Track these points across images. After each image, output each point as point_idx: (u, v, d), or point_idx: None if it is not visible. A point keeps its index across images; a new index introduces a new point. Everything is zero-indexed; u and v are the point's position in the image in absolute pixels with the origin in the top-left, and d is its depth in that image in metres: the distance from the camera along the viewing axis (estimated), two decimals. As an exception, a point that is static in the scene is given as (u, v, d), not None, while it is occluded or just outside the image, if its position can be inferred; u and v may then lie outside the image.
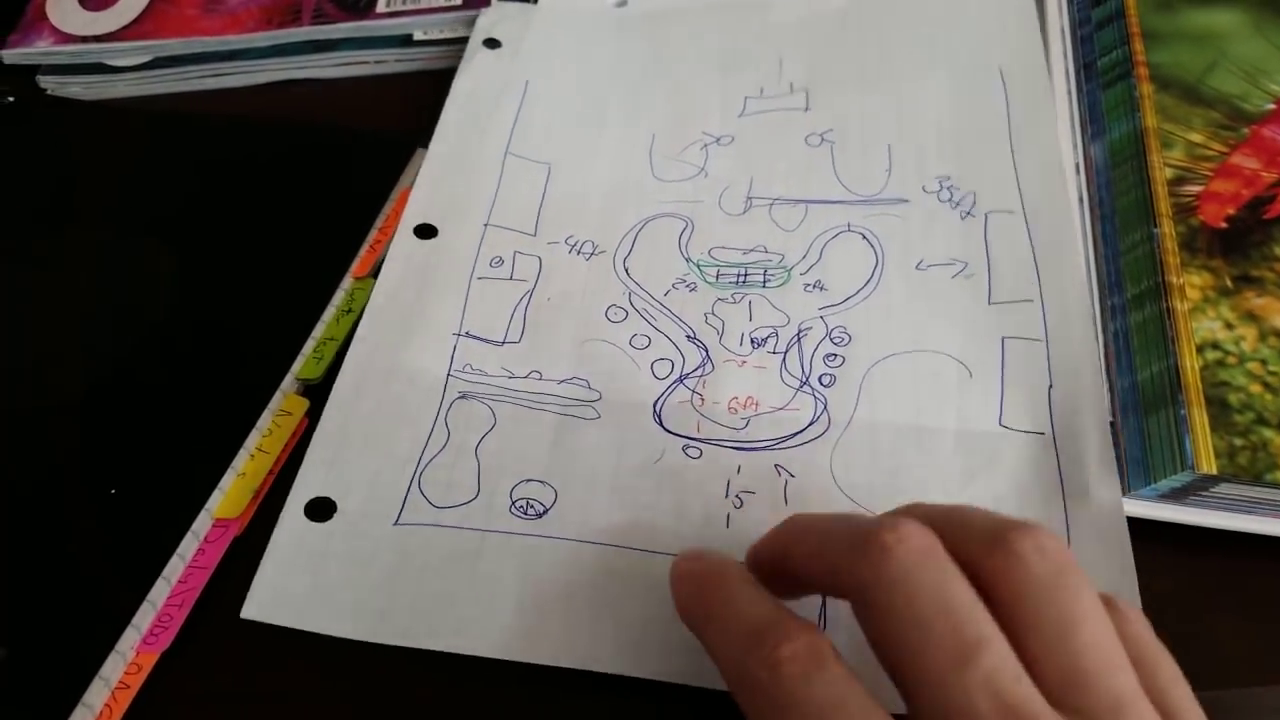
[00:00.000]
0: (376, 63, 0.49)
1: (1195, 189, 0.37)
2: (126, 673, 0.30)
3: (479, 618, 0.29)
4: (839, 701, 0.21)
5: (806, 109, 0.43)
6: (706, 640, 0.25)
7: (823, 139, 0.42)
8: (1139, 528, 0.31)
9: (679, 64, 0.46)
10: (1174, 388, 0.31)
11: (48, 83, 0.49)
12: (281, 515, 0.31)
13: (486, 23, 0.47)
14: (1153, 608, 0.29)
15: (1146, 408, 0.32)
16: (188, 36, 0.48)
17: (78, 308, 0.38)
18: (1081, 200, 0.39)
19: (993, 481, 0.32)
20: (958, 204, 0.39)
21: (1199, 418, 0.31)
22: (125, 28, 0.49)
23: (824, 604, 0.30)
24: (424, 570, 0.30)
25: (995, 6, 0.45)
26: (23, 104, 0.47)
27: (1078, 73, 0.44)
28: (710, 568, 0.26)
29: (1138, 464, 0.32)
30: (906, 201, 0.39)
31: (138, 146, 0.45)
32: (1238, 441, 0.30)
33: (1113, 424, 0.33)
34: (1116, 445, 0.33)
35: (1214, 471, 0.29)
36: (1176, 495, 0.31)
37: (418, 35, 0.49)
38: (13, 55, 0.49)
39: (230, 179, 0.42)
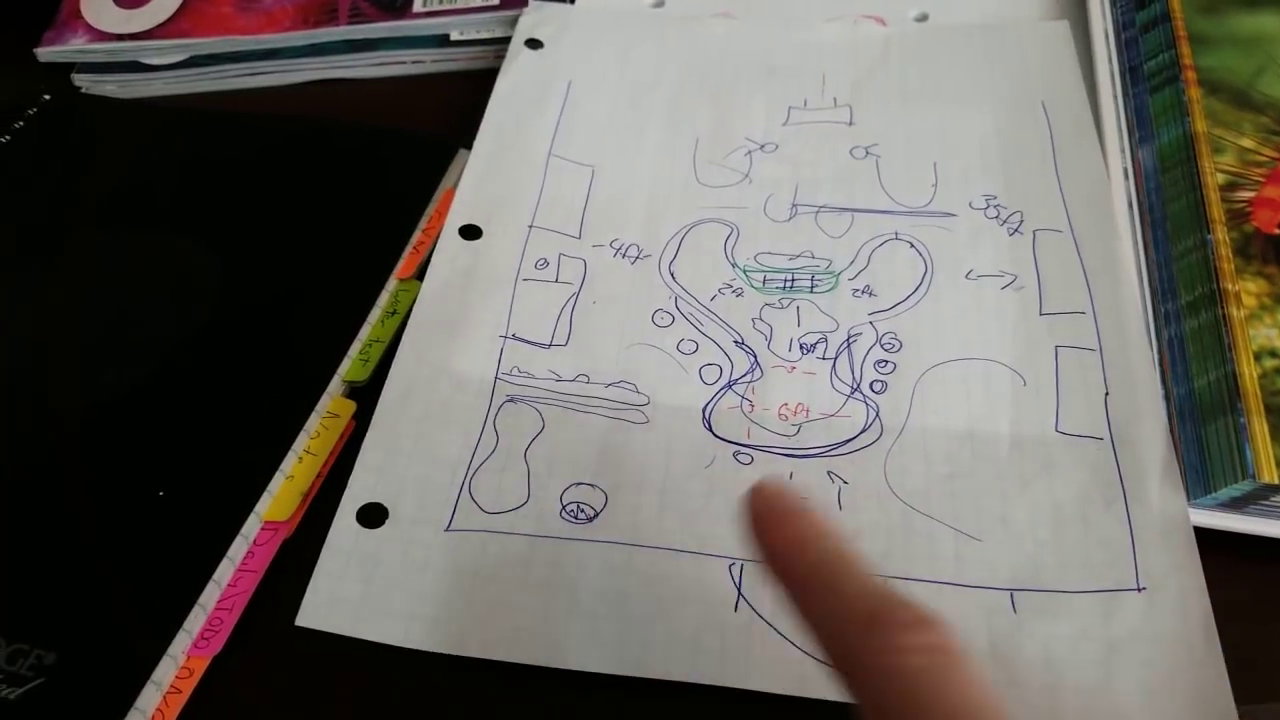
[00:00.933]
0: (414, 63, 0.49)
1: (1247, 195, 0.36)
2: (178, 677, 0.29)
3: (531, 625, 0.29)
4: (977, 707, 0.19)
5: (851, 123, 0.43)
6: (803, 608, 0.22)
7: (868, 152, 0.42)
8: (1199, 536, 0.30)
9: (720, 69, 0.46)
10: (1232, 396, 0.31)
11: (82, 81, 0.49)
12: (334, 522, 0.31)
13: (529, 23, 0.47)
14: (1219, 618, 0.28)
15: (1204, 415, 0.32)
16: (223, 35, 0.48)
17: (118, 308, 0.38)
18: (1131, 205, 0.39)
19: (1051, 486, 0.32)
20: (1004, 221, 0.39)
21: (1259, 426, 0.30)
22: (160, 26, 0.49)
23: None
24: (476, 577, 0.30)
25: (1036, 44, 0.45)
26: (58, 102, 0.47)
27: (1123, 76, 0.43)
28: (804, 525, 0.23)
29: (1196, 472, 0.31)
30: (954, 215, 0.39)
31: (174, 145, 0.44)
32: (1299, 451, 0.30)
33: (1169, 431, 0.33)
34: (1174, 452, 0.32)
35: (1275, 481, 0.29)
36: (1236, 504, 0.31)
37: (455, 35, 0.49)
38: (48, 53, 0.49)
39: (269, 179, 0.42)
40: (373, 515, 0.31)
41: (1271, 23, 0.42)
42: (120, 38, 0.48)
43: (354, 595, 0.30)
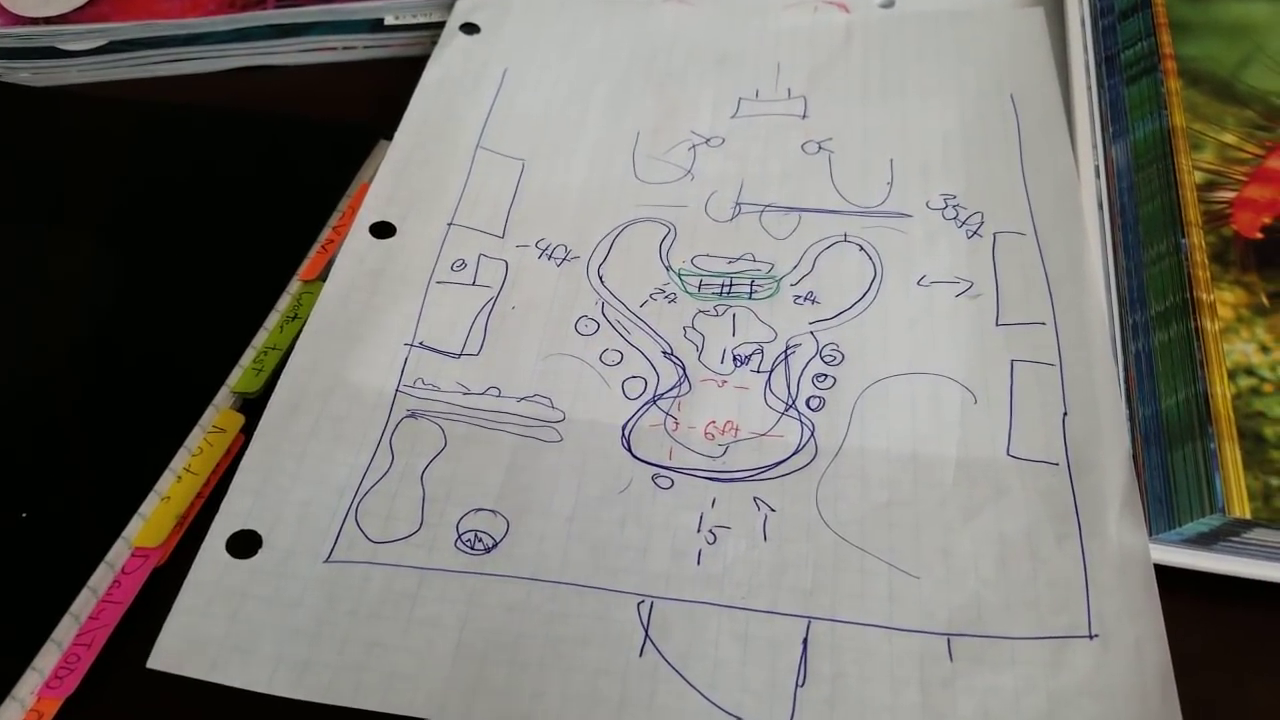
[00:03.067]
0: (345, 49, 0.47)
1: (1227, 195, 0.33)
2: (25, 720, 0.27)
3: (412, 671, 0.26)
4: None
5: (804, 115, 0.40)
6: None
7: (820, 147, 0.39)
8: (1163, 575, 0.27)
9: (668, 57, 0.43)
10: (1203, 418, 0.28)
11: (-6, 67, 0.46)
12: (200, 551, 0.28)
13: (466, 6, 0.44)
14: (1180, 667, 0.25)
15: (1171, 440, 0.29)
16: (145, 19, 0.46)
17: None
18: (1101, 206, 0.36)
19: (999, 517, 0.29)
20: (964, 223, 0.36)
21: (1230, 453, 0.27)
22: (79, 10, 0.46)
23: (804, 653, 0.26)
24: (354, 615, 0.27)
25: (1006, 32, 0.42)
26: (-32, 90, 0.44)
27: (1098, 66, 0.40)
28: None
29: (1160, 503, 0.28)
30: (909, 216, 0.36)
31: (88, 136, 0.42)
32: (1274, 481, 0.27)
33: (1133, 457, 0.30)
34: (1137, 481, 0.29)
35: (1247, 515, 0.26)
36: (1204, 540, 0.28)
37: (389, 19, 0.46)
38: (-41, 37, 0.46)
39: (179, 171, 0.39)
40: (244, 544, 0.28)
41: (1260, 9, 0.39)
42: (35, 21, 0.46)
43: (216, 634, 0.27)
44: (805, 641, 0.27)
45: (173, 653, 0.26)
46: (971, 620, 0.27)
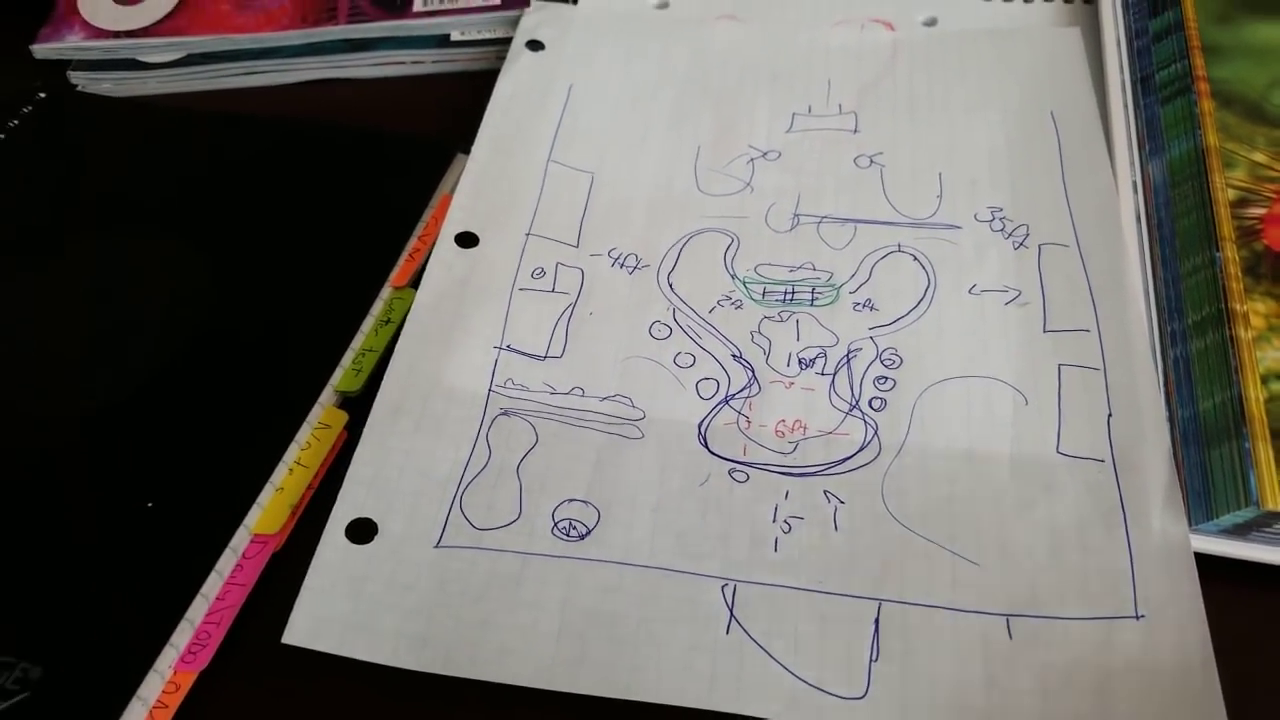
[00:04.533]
0: (413, 63, 0.49)
1: (1259, 211, 0.35)
2: (164, 692, 0.29)
3: (519, 645, 0.29)
4: None
5: (855, 130, 0.42)
6: None
7: (872, 161, 0.41)
8: (1201, 563, 0.30)
9: (724, 73, 0.45)
10: (1238, 420, 0.31)
11: (79, 79, 0.48)
12: (323, 537, 0.31)
13: (530, 24, 0.47)
14: (1218, 647, 0.28)
15: (1208, 439, 0.31)
16: (220, 33, 0.48)
17: (107, 313, 0.37)
18: (1139, 220, 0.38)
19: (1051, 510, 0.31)
20: (1010, 234, 0.38)
21: (1264, 452, 0.30)
22: (157, 23, 0.48)
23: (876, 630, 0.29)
24: (465, 595, 0.30)
25: (1046, 52, 0.45)
26: (53, 99, 0.47)
27: (1134, 85, 0.43)
28: None
29: (1199, 497, 0.31)
30: (958, 228, 0.38)
31: (169, 146, 0.44)
32: (1305, 478, 0.29)
33: (1173, 455, 0.32)
34: (1177, 477, 0.32)
35: (1279, 508, 0.29)
36: (1240, 531, 0.30)
37: (455, 36, 0.48)
38: (44, 50, 0.48)
39: (264, 181, 0.42)
40: (362, 531, 0.31)
41: (1286, 33, 0.41)
42: (117, 35, 0.48)
43: (342, 613, 0.29)
44: (877, 621, 0.29)
45: (304, 630, 0.29)
46: (1028, 603, 0.29)
